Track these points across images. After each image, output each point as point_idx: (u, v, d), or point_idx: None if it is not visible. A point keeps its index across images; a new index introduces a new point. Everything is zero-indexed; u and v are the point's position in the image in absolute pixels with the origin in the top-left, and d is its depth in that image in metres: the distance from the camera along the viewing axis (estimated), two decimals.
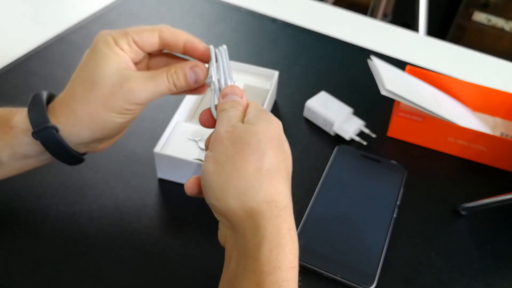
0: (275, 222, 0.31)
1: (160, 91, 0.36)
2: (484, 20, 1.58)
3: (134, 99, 0.35)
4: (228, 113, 0.35)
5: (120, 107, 0.35)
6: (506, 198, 0.45)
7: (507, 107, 0.58)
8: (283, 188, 0.33)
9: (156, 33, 0.37)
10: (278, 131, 0.34)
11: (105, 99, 0.35)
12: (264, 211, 0.31)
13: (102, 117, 0.35)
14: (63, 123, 0.35)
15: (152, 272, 0.41)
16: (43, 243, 0.42)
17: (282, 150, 0.34)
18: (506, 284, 0.42)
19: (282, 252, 0.30)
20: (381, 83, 0.52)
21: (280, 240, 0.30)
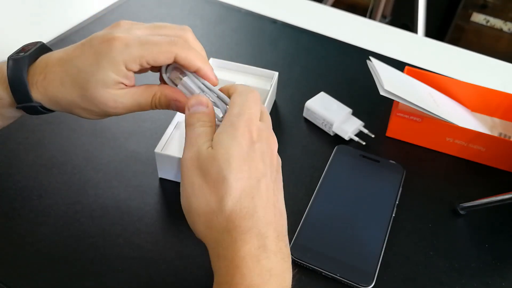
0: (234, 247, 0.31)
1: (140, 109, 0.38)
2: (483, 21, 1.58)
3: (112, 112, 0.37)
4: (194, 131, 0.34)
5: (98, 115, 0.38)
6: (504, 197, 0.45)
7: (505, 108, 0.59)
8: (247, 209, 0.31)
9: (173, 56, 0.36)
10: (244, 144, 0.32)
11: (88, 109, 0.37)
12: (224, 240, 0.31)
13: (80, 114, 0.38)
14: (44, 101, 0.37)
15: (152, 271, 0.41)
16: (44, 243, 0.42)
17: (250, 164, 0.32)
18: (505, 283, 0.43)
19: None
20: (380, 84, 0.53)
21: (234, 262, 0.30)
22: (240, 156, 0.32)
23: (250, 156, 0.32)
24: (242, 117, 0.33)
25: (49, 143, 0.51)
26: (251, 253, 0.30)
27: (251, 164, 0.32)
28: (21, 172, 0.48)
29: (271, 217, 0.32)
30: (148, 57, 0.35)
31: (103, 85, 0.35)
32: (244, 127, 0.33)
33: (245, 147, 0.32)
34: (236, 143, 0.32)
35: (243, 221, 0.31)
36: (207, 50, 0.68)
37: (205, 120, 0.35)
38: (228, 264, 0.30)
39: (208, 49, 0.68)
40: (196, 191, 0.32)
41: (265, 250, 0.30)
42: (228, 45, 0.69)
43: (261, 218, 0.31)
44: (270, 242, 0.31)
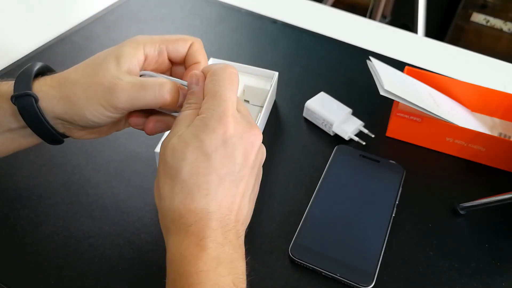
0: (179, 237, 0.31)
1: (146, 100, 0.34)
2: (483, 21, 1.58)
3: (115, 100, 0.34)
4: (181, 114, 0.33)
5: (98, 104, 0.34)
6: (504, 197, 0.45)
7: (505, 108, 0.59)
8: (199, 204, 0.31)
9: (189, 42, 0.37)
10: (209, 141, 0.31)
11: (90, 89, 0.34)
12: (170, 228, 0.32)
13: (78, 104, 0.35)
14: (45, 92, 0.35)
15: (152, 271, 0.41)
16: (44, 243, 0.42)
17: (210, 163, 0.31)
18: (505, 283, 0.43)
19: (185, 261, 0.30)
20: (380, 84, 0.53)
21: (183, 251, 0.30)
22: (203, 152, 0.30)
23: (217, 154, 0.31)
24: (215, 111, 0.31)
25: None
26: (195, 243, 0.30)
27: (215, 161, 0.31)
28: (21, 172, 0.48)
29: (229, 215, 0.32)
30: (168, 43, 0.37)
31: (117, 57, 0.35)
32: (217, 124, 0.31)
33: (213, 144, 0.31)
34: (204, 139, 0.30)
35: (191, 215, 0.31)
36: (207, 50, 0.67)
37: (191, 102, 0.34)
38: (175, 253, 0.31)
39: (208, 49, 0.68)
40: (156, 181, 0.33)
41: (211, 241, 0.30)
42: (228, 45, 0.69)
43: (216, 216, 0.31)
44: (218, 234, 0.31)
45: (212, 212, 0.31)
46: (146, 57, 0.37)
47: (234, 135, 0.31)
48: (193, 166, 0.30)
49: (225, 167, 0.31)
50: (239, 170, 0.32)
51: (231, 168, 0.31)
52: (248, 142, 0.32)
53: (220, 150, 0.31)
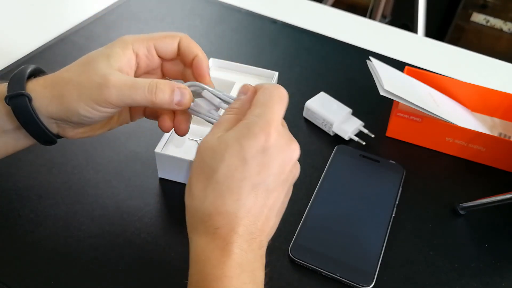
0: (206, 238, 0.31)
1: (134, 98, 0.35)
2: (483, 21, 1.58)
3: (105, 96, 0.34)
4: (220, 118, 0.34)
5: (91, 101, 0.35)
6: (504, 197, 0.45)
7: (505, 108, 0.59)
8: (229, 208, 0.30)
9: (177, 39, 0.38)
10: (248, 147, 0.30)
11: (82, 86, 0.35)
12: (197, 229, 0.31)
13: (71, 102, 0.35)
14: (38, 92, 0.36)
15: (152, 271, 0.41)
16: (44, 243, 0.42)
17: (245, 168, 0.30)
18: (505, 283, 0.43)
19: (209, 264, 0.30)
20: (380, 84, 0.53)
21: (209, 254, 0.30)
22: (242, 156, 0.30)
23: (255, 161, 0.31)
24: (261, 119, 0.31)
25: None
26: (221, 247, 0.30)
27: (251, 168, 0.31)
28: (21, 172, 0.48)
29: (256, 223, 0.31)
30: (156, 41, 0.38)
31: (107, 56, 0.36)
32: (260, 131, 0.31)
33: (253, 151, 0.31)
34: (244, 144, 0.30)
35: (220, 218, 0.31)
36: (207, 50, 0.68)
37: (233, 107, 0.35)
38: (200, 254, 0.31)
39: (208, 49, 0.68)
40: (189, 180, 0.33)
41: (236, 247, 0.30)
42: (228, 45, 0.69)
43: (243, 222, 0.31)
44: (243, 241, 0.31)
45: (240, 217, 0.31)
46: (137, 55, 0.38)
47: (274, 145, 0.31)
48: (230, 169, 0.30)
49: (260, 175, 0.31)
50: (272, 181, 0.32)
51: (265, 178, 0.31)
52: (286, 155, 0.32)
53: (258, 157, 0.31)
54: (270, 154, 0.31)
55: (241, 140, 0.31)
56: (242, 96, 0.35)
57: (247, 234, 0.31)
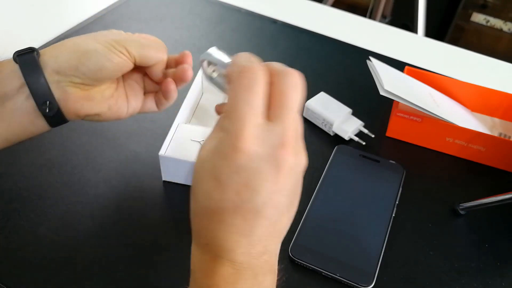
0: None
1: (150, 51, 0.39)
2: (483, 21, 1.58)
3: (127, 43, 0.37)
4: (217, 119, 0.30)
5: (108, 43, 0.36)
6: (504, 197, 0.45)
7: (505, 108, 0.59)
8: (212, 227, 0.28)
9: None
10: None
11: (98, 35, 0.37)
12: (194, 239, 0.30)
13: (86, 45, 0.36)
14: (46, 50, 0.36)
15: (152, 272, 0.41)
16: (44, 243, 0.42)
17: (219, 186, 0.27)
18: (505, 283, 0.43)
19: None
20: (380, 84, 0.53)
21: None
22: (214, 176, 0.27)
23: (231, 181, 0.26)
24: (228, 133, 0.27)
25: (49, 143, 0.51)
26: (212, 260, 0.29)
27: (228, 188, 0.27)
28: (21, 172, 0.48)
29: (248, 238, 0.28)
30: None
31: None
32: (230, 149, 0.26)
33: (226, 171, 0.26)
34: (216, 164, 0.27)
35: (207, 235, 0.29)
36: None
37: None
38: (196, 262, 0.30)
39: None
40: None
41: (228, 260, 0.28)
42: (228, 45, 0.69)
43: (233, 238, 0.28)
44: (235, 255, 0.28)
45: (229, 235, 0.28)
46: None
47: (251, 160, 0.26)
48: (207, 190, 0.27)
49: (240, 195, 0.26)
50: (260, 198, 0.27)
51: (248, 197, 0.27)
52: (272, 167, 0.27)
53: (233, 178, 0.26)
54: (247, 172, 0.26)
55: (214, 159, 0.27)
56: None
57: (238, 248, 0.28)
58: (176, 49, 0.67)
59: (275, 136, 0.27)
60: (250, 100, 0.27)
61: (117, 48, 0.37)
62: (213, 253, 0.28)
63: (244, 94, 0.27)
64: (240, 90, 0.27)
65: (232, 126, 0.26)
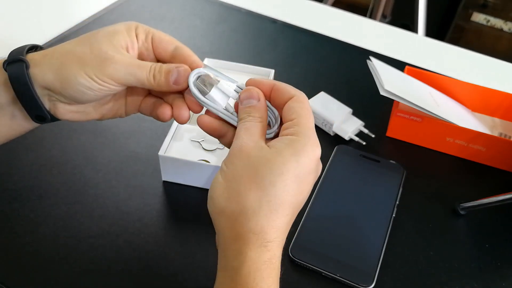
0: (258, 250, 0.30)
1: (138, 78, 0.35)
2: (483, 21, 1.58)
3: (110, 71, 0.34)
4: (245, 124, 0.33)
5: (92, 72, 0.34)
6: (505, 198, 0.45)
7: (506, 108, 0.59)
8: (279, 222, 0.31)
9: (174, 45, 0.37)
10: (303, 165, 0.31)
11: (84, 56, 0.34)
12: (248, 239, 0.31)
13: (71, 70, 0.34)
14: (37, 60, 0.35)
15: (152, 271, 0.41)
16: (44, 243, 0.42)
17: (296, 185, 0.31)
18: (505, 284, 0.43)
19: (259, 276, 0.30)
20: (380, 84, 0.53)
21: (260, 266, 0.30)
22: (297, 173, 0.31)
23: (305, 179, 0.32)
24: (310, 138, 0.32)
25: (49, 143, 0.51)
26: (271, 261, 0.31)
27: (302, 186, 0.32)
28: (21, 172, 0.48)
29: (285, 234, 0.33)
30: (155, 33, 0.37)
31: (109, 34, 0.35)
32: (312, 151, 0.32)
33: (307, 170, 0.32)
34: (301, 162, 0.31)
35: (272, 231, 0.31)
36: (207, 50, 0.68)
37: (255, 115, 0.34)
38: (251, 265, 0.31)
39: (208, 49, 0.68)
40: (238, 180, 0.31)
41: (279, 261, 0.32)
42: (228, 45, 0.69)
43: (283, 237, 0.32)
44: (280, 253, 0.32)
45: (285, 232, 0.32)
46: (137, 38, 0.37)
47: (317, 166, 0.33)
48: (286, 184, 0.31)
49: (303, 194, 0.33)
50: (305, 196, 0.33)
51: (304, 194, 0.33)
52: (316, 175, 0.34)
53: (310, 177, 0.32)
54: (313, 176, 0.33)
55: (297, 157, 0.31)
56: (254, 102, 0.34)
57: (281, 246, 0.32)
58: None
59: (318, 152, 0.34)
60: (313, 120, 0.34)
61: (101, 77, 0.34)
62: (273, 253, 0.31)
63: (311, 114, 0.34)
64: (309, 110, 0.34)
65: (312, 134, 0.32)
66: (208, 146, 0.49)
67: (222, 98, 0.35)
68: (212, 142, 0.49)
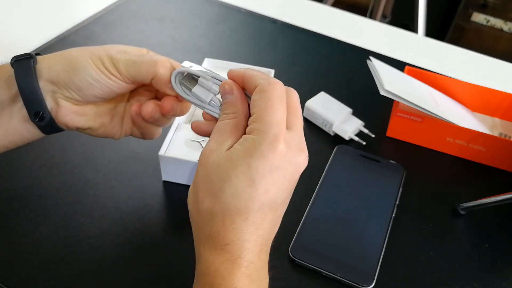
0: (214, 253, 0.30)
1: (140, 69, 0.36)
2: (483, 21, 1.58)
3: (117, 60, 0.35)
4: (218, 125, 0.33)
5: (100, 61, 0.35)
6: (505, 197, 0.45)
7: (506, 108, 0.59)
8: (237, 226, 0.30)
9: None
10: (256, 168, 0.29)
11: (94, 49, 0.36)
12: (205, 243, 0.31)
13: (80, 60, 0.35)
14: (44, 57, 0.36)
15: (153, 271, 0.41)
16: (44, 243, 0.42)
17: (252, 189, 0.29)
18: (505, 283, 0.43)
19: (219, 275, 0.30)
20: (380, 84, 0.53)
21: (218, 266, 0.30)
22: (249, 177, 0.29)
23: (263, 180, 0.29)
24: (267, 134, 0.30)
25: (49, 143, 0.51)
26: (231, 261, 0.30)
27: (260, 188, 0.29)
28: (21, 172, 0.48)
29: (265, 236, 0.31)
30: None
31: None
32: (268, 149, 0.29)
33: (261, 171, 0.29)
34: (252, 165, 0.29)
35: (229, 235, 0.30)
36: (207, 50, 0.68)
37: (228, 112, 0.33)
38: (209, 266, 0.30)
39: (208, 49, 0.68)
40: (194, 189, 0.32)
41: (245, 261, 0.30)
42: (228, 45, 0.69)
43: (253, 238, 0.30)
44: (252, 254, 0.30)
45: (250, 234, 0.30)
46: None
47: (283, 160, 0.30)
48: (237, 189, 0.29)
49: (267, 194, 0.30)
50: (281, 196, 0.31)
51: (273, 195, 0.30)
52: (294, 168, 0.31)
53: (266, 177, 0.29)
54: (278, 171, 0.30)
55: (249, 159, 0.29)
56: (228, 97, 0.33)
57: (256, 247, 0.30)
58: (176, 49, 0.67)
59: (296, 142, 0.31)
60: (282, 109, 0.31)
61: (108, 68, 0.35)
62: (233, 254, 0.30)
63: (278, 104, 0.31)
64: (275, 100, 0.31)
65: (270, 129, 0.30)
66: None
67: (205, 94, 0.35)
68: None
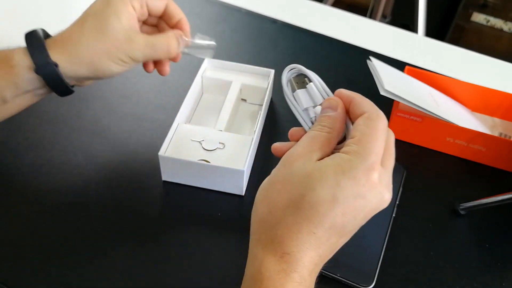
0: (272, 259, 0.30)
1: (156, 56, 0.43)
2: (483, 21, 1.58)
3: (133, 55, 0.41)
4: (310, 132, 0.33)
5: (119, 59, 0.41)
6: (505, 197, 0.45)
7: (506, 108, 0.59)
8: (302, 237, 0.29)
9: (165, 2, 0.45)
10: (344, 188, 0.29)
11: (110, 50, 0.40)
12: (266, 245, 0.30)
13: (102, 64, 0.41)
14: (64, 61, 0.40)
15: (153, 271, 0.41)
16: (44, 243, 0.42)
17: (332, 206, 0.29)
18: (505, 283, 0.43)
19: (272, 284, 0.29)
20: (380, 84, 0.53)
21: (272, 274, 0.29)
22: (333, 193, 0.29)
23: (346, 202, 0.29)
24: (365, 160, 0.29)
25: (49, 143, 0.51)
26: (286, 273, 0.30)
27: (339, 208, 0.29)
28: (21, 171, 0.48)
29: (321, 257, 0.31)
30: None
31: (117, 16, 0.40)
32: (362, 175, 0.29)
33: (347, 193, 0.29)
34: (341, 183, 0.29)
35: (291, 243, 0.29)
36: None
37: (325, 125, 0.33)
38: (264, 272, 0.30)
39: None
40: (269, 185, 0.31)
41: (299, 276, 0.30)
42: (228, 45, 0.69)
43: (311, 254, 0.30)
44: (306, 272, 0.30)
45: (310, 249, 0.30)
46: (134, 9, 0.42)
47: (370, 193, 0.29)
48: (317, 201, 0.29)
49: (343, 217, 0.29)
50: (352, 225, 0.30)
51: (347, 222, 0.30)
52: (377, 203, 0.30)
53: (349, 200, 0.29)
54: (362, 202, 0.29)
55: (339, 177, 0.29)
56: (330, 112, 0.33)
57: (311, 265, 0.30)
58: None
59: (386, 180, 0.31)
60: (383, 143, 0.31)
61: (128, 63, 0.42)
62: (290, 266, 0.29)
63: (381, 136, 0.31)
64: (379, 132, 0.31)
65: (369, 156, 0.29)
66: (208, 146, 0.49)
67: (306, 100, 0.35)
68: (212, 142, 0.49)
